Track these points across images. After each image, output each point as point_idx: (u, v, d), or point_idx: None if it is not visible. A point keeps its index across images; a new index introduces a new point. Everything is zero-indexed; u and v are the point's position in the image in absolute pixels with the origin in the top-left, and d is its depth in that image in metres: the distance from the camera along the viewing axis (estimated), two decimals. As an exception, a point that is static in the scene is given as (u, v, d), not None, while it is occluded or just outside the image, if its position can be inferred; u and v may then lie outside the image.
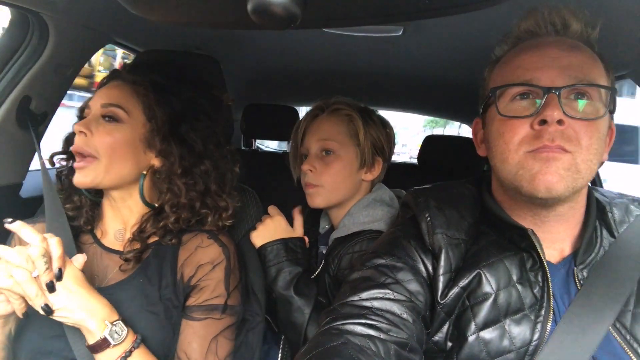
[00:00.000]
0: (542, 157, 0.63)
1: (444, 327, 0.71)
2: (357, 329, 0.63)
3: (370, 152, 1.09)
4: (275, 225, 1.05)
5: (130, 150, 0.86)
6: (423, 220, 0.76)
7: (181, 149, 0.89)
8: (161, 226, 0.87)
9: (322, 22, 0.59)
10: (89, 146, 0.82)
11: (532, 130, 0.65)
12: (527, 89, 0.66)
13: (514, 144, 0.66)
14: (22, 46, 1.07)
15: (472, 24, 1.09)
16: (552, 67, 0.65)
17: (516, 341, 0.66)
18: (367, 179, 1.12)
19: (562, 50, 0.66)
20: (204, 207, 0.91)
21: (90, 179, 0.83)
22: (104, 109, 0.85)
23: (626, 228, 0.72)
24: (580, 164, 0.63)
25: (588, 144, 0.63)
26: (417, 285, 0.72)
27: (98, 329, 0.72)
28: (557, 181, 0.63)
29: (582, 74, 0.65)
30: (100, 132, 0.83)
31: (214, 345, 0.83)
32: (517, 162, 0.66)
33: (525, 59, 0.68)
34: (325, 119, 1.10)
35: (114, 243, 0.90)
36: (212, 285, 0.85)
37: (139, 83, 0.89)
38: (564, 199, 0.66)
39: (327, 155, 1.07)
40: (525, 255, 0.71)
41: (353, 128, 1.08)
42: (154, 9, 0.56)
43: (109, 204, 0.91)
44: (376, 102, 2.83)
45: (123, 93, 0.87)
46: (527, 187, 0.65)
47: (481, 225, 0.76)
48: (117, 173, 0.85)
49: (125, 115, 0.85)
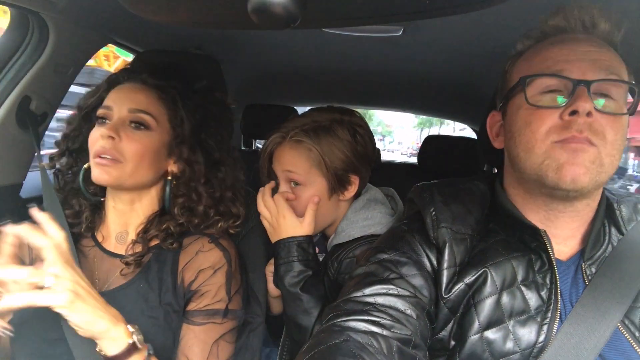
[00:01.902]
0: (570, 147, 0.63)
1: (448, 325, 0.71)
2: (359, 326, 0.63)
3: (340, 177, 1.03)
4: (281, 220, 1.00)
5: (155, 157, 0.86)
6: (428, 215, 0.75)
7: (199, 156, 0.90)
8: (164, 228, 0.87)
9: (322, 22, 0.59)
10: (117, 150, 0.82)
11: (560, 120, 0.64)
12: (557, 81, 0.66)
13: (541, 134, 0.65)
14: (22, 46, 1.06)
15: (472, 24, 1.09)
16: (583, 60, 0.65)
17: (521, 343, 0.65)
18: (346, 198, 1.07)
19: (592, 46, 0.66)
20: (217, 214, 0.92)
21: (114, 178, 0.82)
22: (131, 114, 0.85)
23: (634, 226, 0.72)
24: (605, 157, 0.64)
25: (613, 139, 0.64)
26: (421, 280, 0.71)
27: (123, 336, 0.69)
28: (584, 173, 0.63)
29: (611, 69, 0.65)
30: (128, 137, 0.83)
31: (215, 349, 0.83)
32: (544, 151, 0.65)
33: (555, 51, 0.68)
34: (287, 148, 1.03)
35: (115, 246, 0.89)
36: (213, 290, 0.85)
37: (165, 90, 0.89)
38: (585, 193, 0.66)
39: (295, 187, 1.03)
40: (534, 257, 0.70)
41: (315, 158, 1.01)
42: (154, 9, 0.56)
43: (113, 207, 0.90)
44: (376, 102, 2.84)
45: (150, 99, 0.87)
46: (552, 177, 0.64)
47: (490, 223, 0.76)
48: (140, 178, 0.85)
49: (153, 123, 0.86)
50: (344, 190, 1.05)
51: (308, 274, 0.96)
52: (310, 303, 0.93)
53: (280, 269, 0.97)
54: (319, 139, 1.01)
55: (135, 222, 0.90)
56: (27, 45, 1.07)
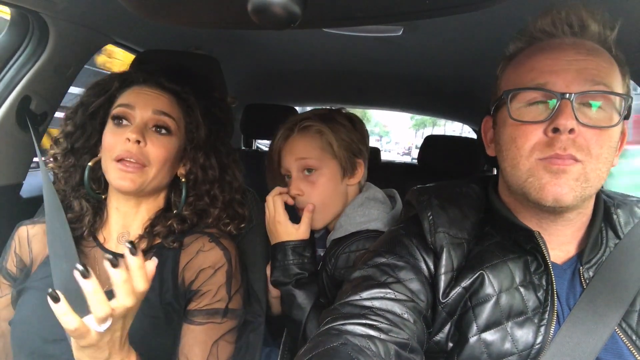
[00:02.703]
0: (552, 169, 0.63)
1: (445, 328, 0.71)
2: (357, 329, 0.63)
3: (348, 158, 1.09)
4: (277, 225, 1.05)
5: (175, 162, 0.88)
6: (425, 219, 0.76)
7: (210, 160, 0.91)
8: (168, 224, 0.88)
9: (322, 22, 0.59)
10: (143, 155, 0.82)
11: (545, 136, 0.64)
12: (541, 95, 0.66)
13: (526, 150, 0.65)
14: (22, 46, 1.07)
15: (472, 24, 1.09)
16: (568, 71, 0.64)
17: (518, 344, 0.65)
18: (353, 184, 1.12)
19: (579, 53, 0.65)
20: (228, 217, 0.94)
21: (137, 184, 0.82)
22: (155, 116, 0.84)
23: (631, 229, 0.72)
24: (590, 172, 0.63)
25: (598, 153, 0.63)
26: (418, 285, 0.71)
27: None
28: (566, 192, 0.63)
29: (598, 79, 0.64)
30: (153, 142, 0.83)
31: (215, 349, 0.83)
32: (528, 168, 0.65)
33: (541, 60, 0.67)
34: (298, 137, 1.09)
35: (117, 247, 0.89)
36: (213, 290, 0.85)
37: (181, 94, 0.90)
38: (572, 207, 0.66)
39: (309, 174, 1.07)
40: (530, 258, 0.70)
41: (326, 141, 1.08)
42: (153, 9, 0.56)
43: (116, 208, 0.89)
44: (376, 102, 2.84)
45: (171, 102, 0.87)
46: (534, 196, 0.65)
47: (485, 226, 0.76)
48: (158, 183, 0.86)
49: (175, 127, 0.86)
50: (352, 174, 1.11)
51: (303, 275, 1.00)
52: (303, 299, 0.98)
53: (276, 272, 1.01)
54: (325, 123, 1.09)
55: (137, 224, 0.90)
56: (27, 45, 1.07)
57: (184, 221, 0.89)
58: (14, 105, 1.06)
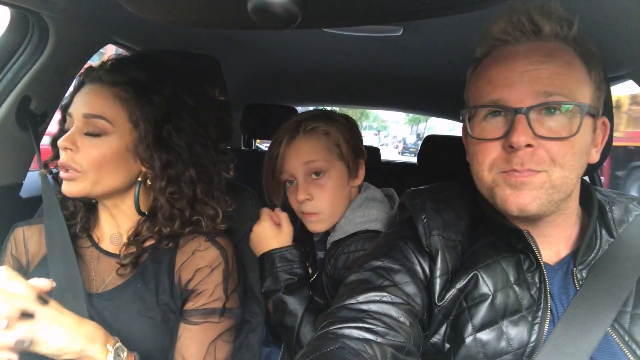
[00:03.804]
0: (511, 182, 0.64)
1: (441, 329, 0.71)
2: (353, 333, 0.63)
3: (353, 159, 1.08)
4: (261, 232, 1.02)
5: (119, 161, 0.82)
6: (419, 222, 0.76)
7: (166, 156, 0.85)
8: (156, 231, 0.86)
9: (322, 22, 0.59)
10: (75, 162, 0.80)
11: (503, 151, 0.64)
12: (495, 110, 0.66)
13: (487, 165, 0.66)
14: (22, 46, 1.07)
15: (472, 24, 1.09)
16: (521, 83, 0.63)
17: (513, 342, 0.66)
18: (356, 185, 1.11)
19: (532, 63, 0.64)
20: (195, 214, 0.89)
21: (78, 189, 0.81)
22: (86, 120, 0.81)
23: (625, 228, 0.72)
24: (556, 180, 0.63)
25: (562, 162, 0.63)
26: (414, 288, 0.72)
27: (100, 356, 0.67)
28: (530, 202, 0.63)
29: (552, 88, 0.62)
30: (85, 146, 0.80)
31: (212, 349, 0.82)
32: (491, 180, 0.67)
33: (494, 74, 0.66)
34: (304, 139, 1.05)
35: (111, 247, 0.89)
36: (210, 289, 0.84)
37: (119, 84, 0.83)
38: (543, 213, 0.65)
39: (317, 178, 1.04)
40: (522, 257, 0.70)
41: (333, 142, 1.05)
42: (154, 9, 0.57)
43: (104, 210, 0.90)
44: (376, 102, 2.84)
45: (105, 100, 0.82)
46: (500, 206, 0.66)
47: (478, 227, 0.76)
48: (107, 184, 0.83)
49: (109, 127, 0.81)
50: (356, 175, 1.10)
51: (293, 280, 0.98)
52: (295, 304, 0.95)
53: (266, 282, 0.99)
54: (330, 123, 1.07)
55: (125, 225, 0.89)
56: (27, 45, 1.07)
57: (169, 225, 0.86)
58: (14, 105, 1.06)
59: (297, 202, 1.05)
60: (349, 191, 1.09)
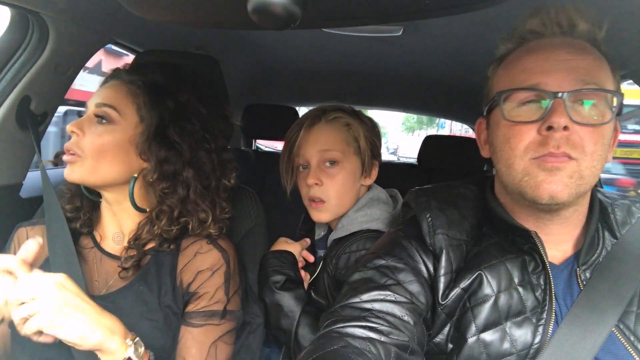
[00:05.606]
0: (547, 167, 0.63)
1: (444, 329, 0.71)
2: (357, 332, 0.63)
3: (370, 157, 1.08)
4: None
5: (120, 152, 0.84)
6: (424, 221, 0.76)
7: (166, 153, 0.86)
8: (157, 233, 0.86)
9: (322, 22, 0.59)
10: (78, 146, 0.82)
11: (538, 135, 0.64)
12: (534, 94, 0.66)
13: (520, 150, 0.66)
14: (22, 46, 1.06)
15: (472, 24, 1.09)
16: (559, 70, 0.64)
17: (517, 344, 0.65)
18: (367, 184, 1.11)
19: (569, 53, 0.65)
20: (185, 214, 0.88)
21: (76, 175, 0.82)
22: (97, 108, 0.84)
23: (628, 229, 0.72)
24: (584, 170, 0.63)
25: (592, 150, 0.63)
26: (418, 286, 0.71)
27: (120, 349, 0.68)
28: (562, 189, 0.63)
29: (589, 77, 0.64)
30: (91, 132, 0.83)
31: (213, 351, 0.82)
32: (523, 168, 0.66)
33: (531, 61, 0.67)
34: (324, 128, 1.05)
35: (113, 247, 0.89)
36: (211, 292, 0.84)
37: (134, 82, 0.87)
38: (568, 204, 0.66)
39: (330, 167, 1.04)
40: (528, 258, 0.70)
41: (352, 136, 1.06)
42: (154, 9, 0.57)
43: (106, 207, 0.90)
44: (376, 102, 2.84)
45: (118, 93, 0.86)
46: (530, 194, 0.65)
47: (483, 227, 0.76)
48: (105, 174, 0.83)
49: (117, 116, 0.84)
50: (369, 174, 1.10)
51: (282, 279, 0.99)
52: (289, 304, 0.96)
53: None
54: (353, 117, 1.07)
55: (127, 224, 0.89)
56: (27, 45, 1.07)
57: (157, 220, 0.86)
58: (14, 105, 1.06)
59: (306, 186, 1.06)
60: (359, 188, 1.09)
